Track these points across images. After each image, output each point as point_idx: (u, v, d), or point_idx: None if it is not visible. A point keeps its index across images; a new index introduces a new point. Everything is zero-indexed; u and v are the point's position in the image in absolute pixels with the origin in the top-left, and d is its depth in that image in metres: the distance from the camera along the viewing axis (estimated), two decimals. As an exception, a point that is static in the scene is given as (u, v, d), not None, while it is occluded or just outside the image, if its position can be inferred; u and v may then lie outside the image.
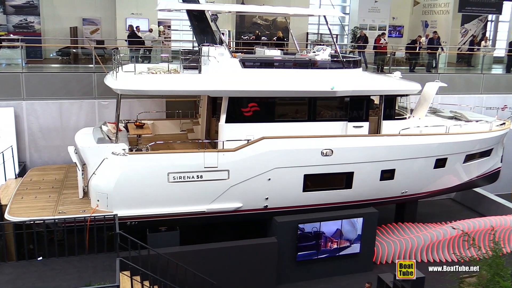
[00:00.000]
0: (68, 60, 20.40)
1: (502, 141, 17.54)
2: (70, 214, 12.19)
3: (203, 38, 14.61)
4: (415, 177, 15.57)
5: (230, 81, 13.35)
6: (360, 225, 14.43)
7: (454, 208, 20.70)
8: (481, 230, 16.42)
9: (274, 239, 13.82)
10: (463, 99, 21.22)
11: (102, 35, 24.65)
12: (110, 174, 12.58)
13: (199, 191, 13.17)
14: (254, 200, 13.86)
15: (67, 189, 13.83)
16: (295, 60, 14.79)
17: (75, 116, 16.79)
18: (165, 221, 13.25)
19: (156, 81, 13.18)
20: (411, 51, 23.54)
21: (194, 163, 12.94)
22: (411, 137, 14.95)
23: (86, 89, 16.89)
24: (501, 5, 28.65)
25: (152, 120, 16.19)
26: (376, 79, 16.20)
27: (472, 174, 17.18)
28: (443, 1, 30.00)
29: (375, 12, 29.68)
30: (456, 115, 17.64)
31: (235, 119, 13.47)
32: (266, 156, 13.44)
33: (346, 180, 14.61)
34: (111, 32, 24.70)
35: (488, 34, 32.32)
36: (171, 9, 15.28)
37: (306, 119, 14.20)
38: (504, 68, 25.18)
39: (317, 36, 29.15)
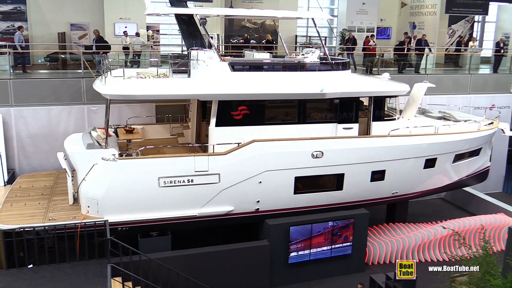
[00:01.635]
0: (56, 65, 20.26)
1: (490, 141, 17.69)
2: (60, 220, 12.10)
3: (192, 42, 14.60)
4: (405, 178, 15.65)
5: (220, 84, 13.34)
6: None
7: (445, 208, 20.82)
8: (471, 229, 16.54)
9: (266, 242, 13.82)
10: (452, 99, 21.37)
11: (90, 40, 24.49)
12: (100, 180, 12.50)
13: (190, 195, 13.13)
14: (246, 203, 13.84)
15: (57, 196, 13.73)
16: (284, 63, 14.82)
17: (64, 122, 16.69)
18: (157, 226, 13.20)
19: (146, 86, 13.15)
20: (399, 53, 23.67)
21: (184, 167, 12.91)
22: (401, 138, 15.02)
23: (75, 94, 16.79)
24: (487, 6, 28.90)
25: (142, 125, 16.13)
26: (365, 80, 16.28)
27: (462, 174, 17.30)
28: (430, 2, 30.22)
29: (363, 14, 29.79)
30: (445, 115, 17.76)
31: (225, 123, 13.46)
32: (256, 159, 13.45)
33: (336, 182, 14.65)
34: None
35: (475, 34, 32.61)
36: (159, 14, 15.26)
37: (296, 122, 14.22)
38: (491, 68, 25.41)
39: (306, 39, 29.21)
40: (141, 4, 24.04)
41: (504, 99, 22.99)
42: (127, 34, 21.29)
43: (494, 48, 26.14)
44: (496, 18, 33.70)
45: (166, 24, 26.75)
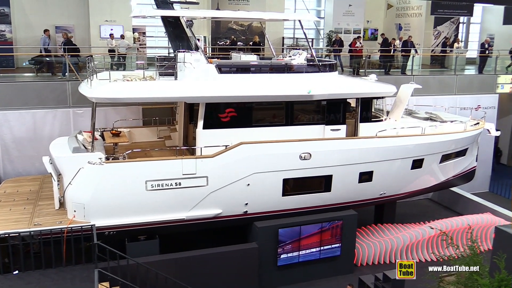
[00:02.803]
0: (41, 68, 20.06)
1: (476, 141, 17.88)
2: (46, 225, 11.97)
3: (178, 44, 14.57)
4: (393, 179, 15.75)
5: (207, 87, 13.32)
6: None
7: (432, 208, 21.00)
8: (459, 229, 16.69)
9: (254, 244, 13.81)
10: (438, 100, 21.56)
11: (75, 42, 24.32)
12: (87, 184, 12.41)
13: (178, 199, 13.08)
14: (234, 206, 13.83)
15: (43, 201, 13.59)
16: (272, 65, 14.85)
17: (49, 126, 16.54)
18: (144, 230, 13.12)
19: (132, 89, 13.08)
20: (386, 54, 23.84)
21: (172, 170, 12.86)
22: (388, 139, 15.12)
23: (60, 98, 16.66)
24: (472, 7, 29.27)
25: (129, 128, 16.05)
26: (352, 82, 16.37)
27: (449, 174, 17.46)
28: (416, 4, 30.51)
29: (350, 16, 29.97)
30: (431, 116, 17.92)
31: (212, 125, 13.44)
32: (244, 161, 13.44)
33: (325, 183, 14.69)
34: (85, 39, 24.40)
35: (460, 36, 32.97)
36: (145, 16, 15.20)
37: (284, 124, 14.25)
38: (476, 69, 25.69)
39: (293, 41, 29.29)
40: (127, 6, 24.03)
41: (489, 99, 23.27)
42: (113, 36, 21.18)
43: (479, 49, 26.42)
44: (480, 19, 34.11)
45: (152, 26, 26.66)
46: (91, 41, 23.99)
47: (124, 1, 24.17)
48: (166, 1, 14.48)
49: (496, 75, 23.71)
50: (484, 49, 25.13)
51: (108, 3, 23.87)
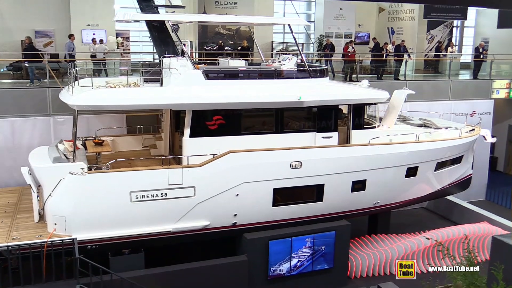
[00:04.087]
0: (20, 75, 19.96)
1: (472, 148, 18.04)
2: (25, 239, 11.84)
3: (164, 49, 14.59)
4: (386, 187, 15.83)
5: (193, 93, 13.33)
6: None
7: (427, 218, 21.11)
8: (455, 239, 16.76)
9: (244, 257, 13.77)
10: (432, 106, 21.75)
11: (56, 48, 24.23)
12: (68, 196, 12.32)
13: (164, 210, 13.03)
14: (222, 217, 13.80)
15: (21, 213, 13.46)
16: (260, 71, 14.92)
17: (28, 134, 16.42)
18: (129, 243, 13.04)
19: (115, 96, 13.05)
20: (378, 59, 24.03)
21: (157, 180, 12.82)
22: (381, 147, 15.21)
23: (40, 105, 16.57)
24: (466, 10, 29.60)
25: (112, 137, 15.98)
26: (343, 88, 16.46)
27: (444, 182, 17.59)
28: (408, 7, 30.80)
29: (341, 19, 30.20)
30: (426, 122, 18.07)
31: (199, 133, 13.44)
32: (233, 170, 13.44)
33: (316, 193, 14.73)
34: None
35: (454, 39, 33.33)
36: (129, 20, 15.18)
37: (274, 131, 14.29)
38: (471, 74, 25.99)
39: (283, 45, 29.44)
40: (110, 10, 23.98)
41: (484, 105, 23.53)
42: (95, 41, 21.13)
43: (474, 53, 26.75)
44: (474, 23, 34.53)
45: (136, 31, 26.66)
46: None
47: (107, 5, 24.14)
48: (150, 4, 14.51)
49: (491, 80, 24.02)
50: (479, 53, 25.45)
51: (90, 6, 23.84)
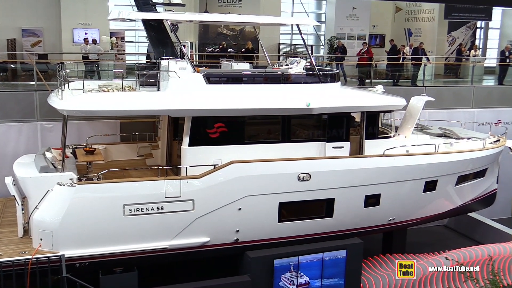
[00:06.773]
0: (5, 77, 20.11)
1: (497, 160, 17.99)
2: (7, 256, 11.86)
3: (162, 50, 14.66)
4: (403, 203, 15.80)
5: (193, 99, 13.38)
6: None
7: (448, 236, 21.04)
8: (478, 260, 16.65)
9: (247, 277, 13.72)
10: (453, 114, 21.73)
11: (45, 48, 24.44)
12: (56, 208, 12.33)
13: (160, 225, 13.04)
14: (223, 233, 13.79)
15: (4, 227, 13.49)
16: (266, 74, 14.97)
17: (13, 142, 16.52)
18: (121, 261, 13.02)
19: (109, 100, 13.12)
20: (395, 63, 24.07)
21: (153, 193, 12.84)
22: (397, 158, 15.19)
23: (26, 110, 16.68)
24: (491, 10, 29.63)
25: (104, 145, 16.02)
26: (356, 94, 16.49)
27: (466, 198, 17.53)
28: (428, 7, 30.89)
29: (354, 20, 30.31)
30: (446, 132, 18.04)
31: (199, 142, 13.47)
32: (235, 182, 13.45)
33: (326, 208, 14.71)
34: (56, 44, 24.52)
35: (477, 42, 33.34)
36: (125, 19, 15.30)
37: (280, 140, 14.31)
38: (496, 79, 25.97)
39: (290, 47, 29.58)
40: (104, 7, 24.20)
41: (511, 113, 23.46)
42: (87, 41, 21.28)
43: (499, 57, 26.77)
44: (500, 24, 34.59)
45: (132, 30, 26.85)
46: (63, 46, 24.11)
47: (101, 2, 24.36)
48: (148, 2, 14.61)
49: (519, 86, 24.00)
50: (505, 57, 25.44)
51: (82, 4, 24.07)
